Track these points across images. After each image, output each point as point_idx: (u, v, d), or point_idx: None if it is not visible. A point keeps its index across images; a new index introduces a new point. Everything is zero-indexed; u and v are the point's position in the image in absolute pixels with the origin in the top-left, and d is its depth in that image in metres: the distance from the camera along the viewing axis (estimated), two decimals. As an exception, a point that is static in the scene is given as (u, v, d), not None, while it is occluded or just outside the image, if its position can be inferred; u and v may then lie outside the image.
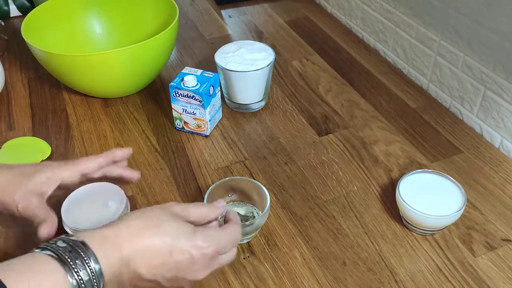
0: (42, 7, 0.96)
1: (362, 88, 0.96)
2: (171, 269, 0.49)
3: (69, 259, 0.43)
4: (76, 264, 0.43)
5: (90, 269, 0.44)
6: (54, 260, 0.43)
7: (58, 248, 0.44)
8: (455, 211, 0.64)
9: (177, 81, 0.81)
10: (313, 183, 0.76)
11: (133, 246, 0.48)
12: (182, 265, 0.50)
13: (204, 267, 0.51)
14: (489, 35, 0.79)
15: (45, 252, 0.44)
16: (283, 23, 1.20)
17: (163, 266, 0.49)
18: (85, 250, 0.45)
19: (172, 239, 0.49)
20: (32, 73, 1.02)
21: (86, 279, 0.44)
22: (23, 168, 0.60)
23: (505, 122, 0.80)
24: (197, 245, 0.50)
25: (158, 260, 0.48)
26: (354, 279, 0.62)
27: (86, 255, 0.44)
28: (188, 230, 0.51)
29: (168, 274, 0.49)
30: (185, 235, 0.50)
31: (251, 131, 0.86)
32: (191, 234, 0.50)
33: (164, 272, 0.49)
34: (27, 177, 0.59)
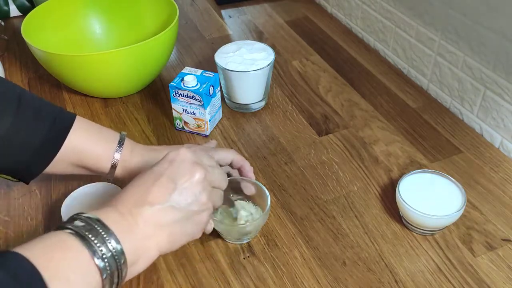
0: (42, 7, 0.96)
1: (362, 88, 0.96)
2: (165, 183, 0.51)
3: (90, 235, 0.44)
4: (97, 239, 0.44)
5: (110, 244, 0.44)
6: (75, 237, 0.44)
7: (77, 226, 0.45)
8: (455, 211, 0.64)
9: (177, 81, 0.81)
10: (313, 183, 0.76)
11: (123, 198, 0.50)
12: (172, 174, 0.51)
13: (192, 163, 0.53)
14: (489, 35, 0.79)
15: (65, 231, 0.44)
16: (283, 23, 1.20)
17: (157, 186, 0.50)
18: (102, 226, 0.45)
19: (148, 170, 0.52)
20: (32, 73, 1.02)
21: (108, 255, 0.44)
22: None
23: (505, 122, 0.80)
24: (168, 155, 0.53)
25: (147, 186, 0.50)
26: (354, 279, 0.62)
27: (104, 232, 0.45)
28: None
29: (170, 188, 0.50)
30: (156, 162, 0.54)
31: (251, 131, 0.86)
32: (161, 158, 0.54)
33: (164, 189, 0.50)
34: None
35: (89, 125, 0.65)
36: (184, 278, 0.63)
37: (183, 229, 0.52)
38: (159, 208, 0.50)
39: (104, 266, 0.43)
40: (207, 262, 0.65)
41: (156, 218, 0.49)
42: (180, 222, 0.51)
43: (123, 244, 0.45)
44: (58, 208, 0.66)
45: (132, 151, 0.65)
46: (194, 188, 0.52)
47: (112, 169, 0.64)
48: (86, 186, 0.68)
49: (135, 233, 0.48)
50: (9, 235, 0.68)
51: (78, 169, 0.64)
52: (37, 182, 0.76)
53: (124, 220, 0.48)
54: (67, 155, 0.62)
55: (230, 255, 0.65)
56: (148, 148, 0.67)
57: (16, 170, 0.61)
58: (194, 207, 0.52)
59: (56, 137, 0.61)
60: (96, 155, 0.63)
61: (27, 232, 0.69)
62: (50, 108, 0.62)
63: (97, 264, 0.43)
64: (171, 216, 0.50)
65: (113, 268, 0.44)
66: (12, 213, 0.72)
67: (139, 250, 0.48)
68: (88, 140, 0.63)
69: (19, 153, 0.59)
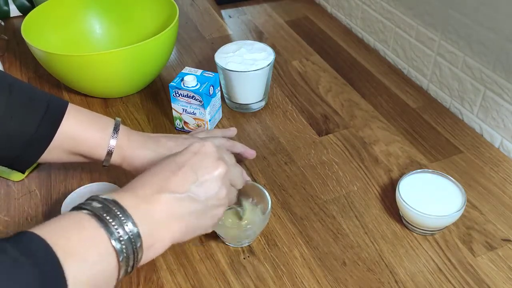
0: (42, 7, 0.96)
1: (362, 88, 0.96)
2: (187, 173, 0.50)
3: (108, 217, 0.44)
4: (115, 222, 0.44)
5: (127, 227, 0.44)
6: (93, 218, 0.43)
7: (94, 207, 0.44)
8: (455, 211, 0.64)
9: (177, 81, 0.81)
10: (313, 183, 0.76)
11: (143, 183, 0.50)
12: (195, 165, 0.51)
13: (216, 158, 0.53)
14: (489, 35, 0.79)
15: (83, 211, 0.44)
16: (283, 23, 1.20)
17: (179, 175, 0.50)
18: (119, 208, 0.45)
19: (170, 157, 0.53)
20: (32, 73, 1.02)
21: (125, 237, 0.44)
22: (167, 143, 0.67)
23: (505, 122, 0.80)
24: (193, 145, 0.54)
25: (169, 173, 0.50)
26: (354, 279, 0.62)
27: (121, 213, 0.45)
28: None
29: (191, 180, 0.50)
30: (179, 151, 0.54)
31: (251, 131, 0.86)
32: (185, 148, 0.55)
33: (185, 180, 0.50)
34: (171, 151, 0.63)
35: (83, 111, 0.65)
36: (184, 278, 0.63)
37: (198, 222, 0.52)
38: (178, 197, 0.50)
39: (121, 248, 0.43)
40: (207, 262, 0.65)
41: (174, 206, 0.49)
42: (197, 214, 0.51)
43: (140, 227, 0.45)
44: (58, 208, 0.66)
45: (128, 138, 0.65)
46: (215, 183, 0.52)
47: (107, 156, 0.64)
48: (86, 186, 0.68)
49: (152, 218, 0.47)
50: (9, 235, 0.68)
51: (73, 156, 0.64)
52: (37, 182, 0.76)
53: (142, 204, 0.47)
54: (62, 142, 0.62)
55: (230, 255, 0.65)
56: (144, 135, 0.67)
57: (11, 159, 0.61)
58: (212, 201, 0.52)
59: (49, 124, 0.61)
60: (91, 141, 0.63)
61: (27, 232, 0.69)
62: (42, 96, 0.62)
63: (114, 246, 0.43)
64: (189, 206, 0.50)
65: (129, 250, 0.44)
66: (12, 213, 0.72)
67: (154, 236, 0.48)
68: (82, 127, 0.63)
69: (13, 142, 0.59)
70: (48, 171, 0.78)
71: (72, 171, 0.78)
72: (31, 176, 0.77)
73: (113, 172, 0.77)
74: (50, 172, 0.78)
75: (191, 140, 0.69)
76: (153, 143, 0.66)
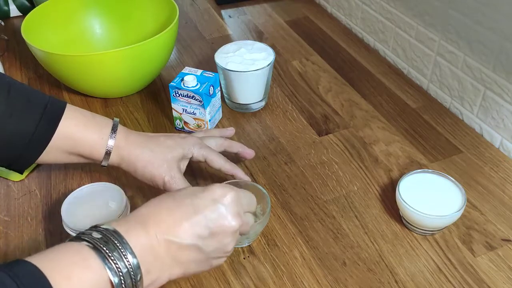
0: (42, 7, 0.96)
1: (362, 88, 0.96)
2: (201, 223, 0.49)
3: (107, 250, 0.43)
4: (113, 255, 0.43)
5: (127, 260, 0.44)
6: (92, 250, 0.43)
7: (93, 238, 0.44)
8: (455, 211, 0.64)
9: (177, 81, 0.81)
10: (313, 183, 0.76)
11: (155, 219, 0.48)
12: (210, 216, 0.50)
13: (233, 213, 0.51)
14: (489, 35, 0.79)
15: (82, 243, 0.44)
16: (283, 23, 1.20)
17: (192, 223, 0.49)
18: (119, 240, 0.45)
19: (189, 197, 0.51)
20: (32, 73, 1.02)
21: (124, 271, 0.44)
22: (166, 141, 0.67)
23: (505, 122, 0.80)
24: (215, 192, 0.52)
25: (183, 217, 0.49)
26: (354, 279, 0.62)
27: (121, 245, 0.44)
28: (201, 187, 0.53)
29: (202, 231, 0.49)
30: (200, 190, 0.52)
31: (251, 131, 0.86)
32: (206, 188, 0.53)
33: (197, 229, 0.49)
34: (170, 151, 0.65)
35: (81, 112, 0.65)
36: (184, 278, 0.63)
37: (198, 268, 0.52)
38: (185, 245, 0.49)
39: (119, 283, 0.43)
40: (207, 262, 0.64)
41: (179, 253, 0.49)
42: (199, 263, 0.51)
43: (141, 262, 0.45)
44: (58, 208, 0.66)
45: (126, 138, 0.65)
46: (226, 237, 0.51)
47: (106, 156, 0.64)
48: (86, 186, 0.68)
49: (155, 257, 0.47)
50: (9, 235, 0.68)
51: (72, 157, 0.64)
52: (37, 182, 0.77)
53: (148, 241, 0.47)
54: (60, 143, 0.62)
55: (230, 255, 0.65)
56: (142, 134, 0.67)
57: (9, 159, 0.61)
58: (217, 254, 0.52)
59: (48, 125, 0.61)
60: (89, 142, 0.63)
61: (27, 232, 0.69)
62: (41, 96, 0.62)
63: (112, 281, 0.43)
64: (193, 255, 0.50)
65: (128, 284, 0.44)
66: (12, 213, 0.72)
67: (154, 273, 0.47)
68: (80, 127, 0.63)
69: (11, 142, 0.59)
70: (48, 171, 0.78)
71: (72, 171, 0.78)
72: (31, 176, 0.78)
73: (113, 172, 0.77)
74: (50, 172, 0.78)
75: (189, 139, 0.68)
76: (151, 142, 0.66)
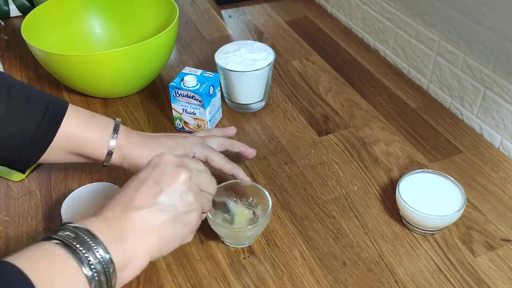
0: (42, 7, 0.96)
1: (362, 88, 0.96)
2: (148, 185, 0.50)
3: (78, 245, 0.43)
4: (85, 249, 0.43)
5: (97, 252, 0.44)
6: (63, 248, 0.43)
7: (63, 236, 0.44)
8: (455, 211, 0.64)
9: (177, 81, 0.81)
10: (313, 183, 0.76)
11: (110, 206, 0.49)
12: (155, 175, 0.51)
13: (176, 163, 0.53)
14: (489, 35, 0.79)
15: (52, 241, 0.44)
16: (283, 23, 1.20)
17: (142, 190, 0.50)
18: (89, 236, 0.45)
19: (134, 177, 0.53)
20: (32, 73, 1.02)
21: (95, 262, 0.44)
22: (167, 141, 0.67)
23: (505, 122, 0.80)
24: (153, 158, 0.54)
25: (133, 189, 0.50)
26: (354, 279, 0.62)
27: (92, 241, 0.44)
28: None
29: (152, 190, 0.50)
30: None
31: (251, 131, 0.86)
32: None
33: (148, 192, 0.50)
34: (171, 151, 0.65)
35: (83, 112, 0.65)
36: (184, 278, 0.63)
37: (173, 231, 0.51)
38: (146, 211, 0.49)
39: (92, 275, 0.43)
40: (207, 262, 0.65)
41: (143, 222, 0.49)
42: (169, 224, 0.50)
43: (112, 252, 0.45)
44: (58, 208, 0.66)
45: (128, 138, 0.65)
46: (179, 189, 0.52)
47: (108, 156, 0.64)
48: (86, 186, 0.68)
49: (124, 240, 0.47)
50: (9, 235, 0.68)
51: (73, 156, 0.64)
52: (37, 182, 0.77)
53: (111, 228, 0.47)
54: (62, 143, 0.62)
55: (230, 255, 0.65)
56: (144, 134, 0.68)
57: (11, 159, 0.61)
58: (181, 208, 0.51)
59: (49, 125, 0.61)
60: (91, 141, 0.63)
61: (27, 232, 0.69)
62: (42, 96, 0.62)
63: (85, 273, 0.43)
64: (159, 218, 0.50)
65: (101, 276, 0.44)
66: (12, 213, 0.72)
67: (129, 257, 0.47)
68: (82, 127, 0.63)
69: (13, 142, 0.59)
70: (48, 171, 0.78)
71: (72, 171, 0.78)
72: (31, 176, 0.78)
73: (113, 172, 0.77)
74: (50, 172, 0.78)
75: (191, 139, 0.69)
76: (153, 142, 0.66)
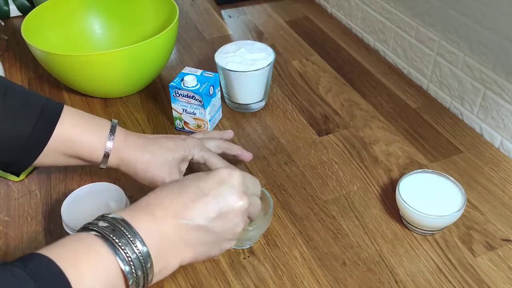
0: (42, 7, 0.96)
1: (362, 88, 0.96)
2: (208, 204, 0.49)
3: (115, 237, 0.43)
4: (122, 242, 0.43)
5: (136, 247, 0.44)
6: (101, 240, 0.43)
7: (101, 228, 0.44)
8: (455, 211, 0.64)
9: (177, 81, 0.81)
10: (313, 183, 0.76)
11: (162, 204, 0.48)
12: (218, 197, 0.50)
13: (241, 193, 0.51)
14: (489, 35, 0.79)
15: (91, 233, 0.44)
16: (283, 23, 1.20)
17: (200, 204, 0.49)
18: (126, 228, 0.44)
19: (195, 180, 0.51)
20: (32, 73, 1.02)
21: (133, 257, 0.44)
22: (166, 143, 0.66)
23: (505, 122, 0.80)
24: (220, 173, 0.52)
25: (190, 199, 0.49)
26: (354, 279, 0.62)
27: (129, 233, 0.44)
28: (205, 172, 0.53)
29: (210, 212, 0.49)
30: (205, 174, 0.52)
31: (251, 131, 0.86)
32: (210, 171, 0.53)
33: (205, 210, 0.49)
34: (171, 153, 0.64)
35: (78, 113, 0.64)
36: (184, 278, 0.63)
37: (208, 251, 0.51)
38: (195, 226, 0.48)
39: (130, 270, 0.43)
40: (207, 262, 0.64)
41: (189, 235, 0.48)
42: (208, 245, 0.50)
43: (150, 249, 0.45)
44: (58, 208, 0.66)
45: (125, 140, 0.64)
46: (235, 217, 0.51)
47: (104, 158, 0.63)
48: (86, 186, 0.68)
49: (164, 242, 0.47)
50: (9, 235, 0.68)
51: (70, 159, 0.64)
52: (37, 182, 0.77)
53: (156, 226, 0.47)
54: (57, 145, 0.61)
55: (230, 255, 0.65)
56: (142, 136, 0.67)
57: (6, 162, 0.61)
58: (226, 235, 0.51)
59: (45, 127, 0.60)
60: (87, 144, 0.62)
61: (27, 232, 0.69)
62: (37, 98, 0.62)
63: (123, 268, 0.43)
64: (203, 237, 0.49)
65: (139, 272, 0.44)
66: (12, 213, 0.72)
67: (164, 259, 0.47)
68: (78, 129, 0.62)
69: (7, 145, 0.58)
70: (48, 171, 0.78)
71: (72, 171, 0.78)
72: (31, 176, 0.78)
73: (113, 173, 0.77)
74: (50, 172, 0.78)
75: (189, 141, 0.67)
76: (150, 144, 0.65)
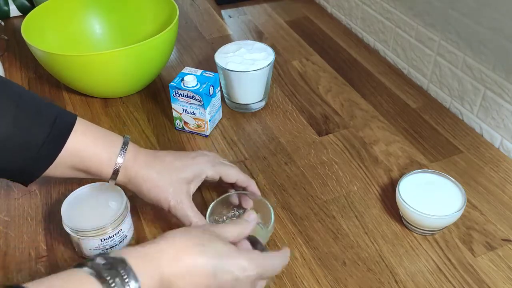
0: (42, 7, 0.96)
1: (362, 88, 0.96)
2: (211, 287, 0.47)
3: (109, 276, 0.42)
4: (115, 282, 0.42)
5: None
6: (93, 277, 0.42)
7: (97, 265, 0.43)
8: (455, 211, 0.64)
9: (177, 81, 0.81)
10: (313, 183, 0.76)
11: (175, 265, 0.46)
12: (225, 287, 0.48)
13: (250, 282, 0.49)
14: (489, 35, 0.79)
15: (84, 269, 0.43)
16: (283, 23, 1.20)
17: (204, 284, 0.47)
18: (124, 268, 0.43)
19: (217, 259, 0.48)
20: (32, 73, 1.02)
21: None
22: (174, 162, 0.64)
23: (505, 122, 0.80)
24: (242, 266, 0.49)
25: (201, 280, 0.47)
26: (354, 279, 0.62)
27: (126, 274, 0.42)
28: (232, 251, 0.49)
29: None
30: (230, 255, 0.49)
31: (251, 131, 0.86)
32: (236, 254, 0.49)
33: None
34: (177, 173, 0.63)
35: (91, 127, 0.63)
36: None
37: None
38: None
39: None
40: (207, 262, 0.64)
41: None
42: None
43: (141, 279, 0.43)
44: (58, 208, 0.65)
45: (135, 158, 0.63)
46: None
47: (114, 175, 0.62)
48: (86, 186, 0.68)
49: None
50: (9, 235, 0.68)
51: (78, 172, 0.63)
52: (37, 182, 0.76)
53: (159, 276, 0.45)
54: (68, 158, 0.60)
55: (230, 255, 0.65)
56: (151, 153, 0.65)
57: (15, 172, 0.60)
58: None
59: (56, 139, 0.59)
60: (97, 158, 0.61)
61: (27, 232, 0.69)
62: (51, 109, 0.61)
63: None
64: None
65: None
66: (12, 213, 0.72)
67: None
68: (89, 143, 0.61)
69: (18, 155, 0.57)
70: (48, 171, 0.78)
71: (72, 171, 0.78)
72: (31, 176, 0.77)
73: (113, 172, 0.77)
74: (50, 172, 0.78)
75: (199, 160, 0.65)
76: (158, 163, 0.63)
